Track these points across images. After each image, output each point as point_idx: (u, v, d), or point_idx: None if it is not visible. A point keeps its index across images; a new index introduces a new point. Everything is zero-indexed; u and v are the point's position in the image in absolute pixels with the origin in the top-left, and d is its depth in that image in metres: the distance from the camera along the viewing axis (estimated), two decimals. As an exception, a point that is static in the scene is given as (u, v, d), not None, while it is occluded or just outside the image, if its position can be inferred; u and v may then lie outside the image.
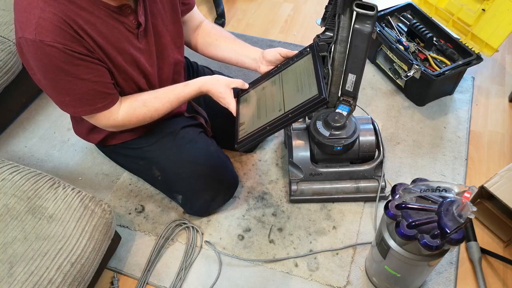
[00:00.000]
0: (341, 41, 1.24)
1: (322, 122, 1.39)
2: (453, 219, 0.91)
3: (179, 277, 1.31)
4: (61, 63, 0.95)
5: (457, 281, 1.29)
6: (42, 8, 0.89)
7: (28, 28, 0.90)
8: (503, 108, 1.79)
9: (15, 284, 0.97)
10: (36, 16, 0.89)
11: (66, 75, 0.97)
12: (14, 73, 1.62)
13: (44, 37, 0.90)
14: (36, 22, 0.89)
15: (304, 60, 1.20)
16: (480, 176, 1.55)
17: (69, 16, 0.92)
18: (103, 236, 1.13)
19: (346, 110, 1.38)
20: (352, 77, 1.33)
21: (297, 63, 1.22)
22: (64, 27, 0.91)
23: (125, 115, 1.12)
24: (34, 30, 0.89)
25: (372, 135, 1.43)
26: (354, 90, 1.37)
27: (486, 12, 1.64)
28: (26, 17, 0.90)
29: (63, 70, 0.96)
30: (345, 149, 1.37)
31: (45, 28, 0.90)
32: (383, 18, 1.89)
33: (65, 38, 0.92)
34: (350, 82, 1.35)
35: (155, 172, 1.34)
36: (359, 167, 1.43)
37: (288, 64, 1.24)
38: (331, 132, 1.36)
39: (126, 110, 1.12)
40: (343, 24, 1.20)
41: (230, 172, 1.42)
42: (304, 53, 1.23)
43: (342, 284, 1.29)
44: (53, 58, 0.93)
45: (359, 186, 1.44)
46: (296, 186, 1.44)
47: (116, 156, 1.44)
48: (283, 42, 2.08)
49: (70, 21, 0.92)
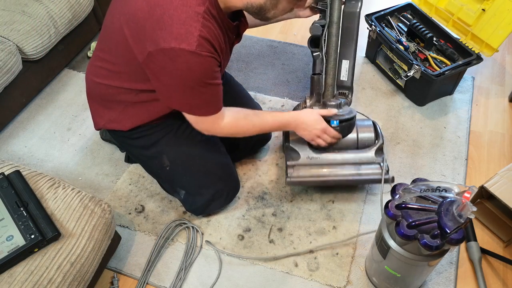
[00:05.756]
0: (333, 23, 1.26)
1: (319, 107, 1.40)
2: (453, 219, 0.91)
3: (179, 277, 1.31)
4: (212, 72, 1.06)
5: (457, 281, 1.29)
6: (202, 23, 0.98)
7: (187, 40, 0.97)
8: (503, 108, 1.79)
9: (15, 284, 0.97)
10: (197, 30, 0.98)
11: (207, 82, 1.07)
12: (14, 73, 1.62)
13: (201, 50, 0.99)
14: (198, 35, 0.98)
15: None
16: (480, 176, 1.55)
17: (213, 31, 1.03)
18: (102, 236, 1.13)
19: (342, 100, 1.40)
20: (346, 64, 1.35)
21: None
22: (213, 40, 1.02)
23: (228, 125, 1.21)
24: (195, 42, 0.98)
25: (371, 129, 1.43)
26: (349, 80, 1.38)
27: (486, 12, 1.64)
28: (186, 29, 0.98)
29: (209, 77, 1.06)
30: (342, 129, 1.36)
31: (203, 41, 0.99)
32: (383, 18, 1.89)
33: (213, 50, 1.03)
34: (345, 70, 1.36)
35: (165, 161, 1.35)
36: (358, 153, 1.41)
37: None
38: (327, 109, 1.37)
39: (229, 120, 1.20)
40: (334, 4, 1.23)
41: (234, 175, 1.45)
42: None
43: (342, 284, 1.29)
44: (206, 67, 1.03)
45: (359, 170, 1.39)
46: (293, 169, 1.40)
47: (129, 142, 1.41)
48: (283, 42, 2.08)
49: (216, 36, 1.04)
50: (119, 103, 1.25)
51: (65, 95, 1.88)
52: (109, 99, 1.26)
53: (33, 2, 1.73)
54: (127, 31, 1.05)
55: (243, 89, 1.59)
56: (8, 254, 0.98)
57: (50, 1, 1.74)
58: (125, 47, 1.08)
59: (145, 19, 1.00)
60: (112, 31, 1.11)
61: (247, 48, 2.06)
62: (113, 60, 1.16)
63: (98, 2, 2.00)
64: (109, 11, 1.15)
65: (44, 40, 1.70)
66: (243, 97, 1.55)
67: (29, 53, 1.67)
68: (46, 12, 1.72)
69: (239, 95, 1.54)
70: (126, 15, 1.05)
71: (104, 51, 1.18)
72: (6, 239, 1.00)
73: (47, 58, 1.79)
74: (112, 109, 1.28)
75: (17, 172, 1.14)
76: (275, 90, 1.87)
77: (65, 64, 1.98)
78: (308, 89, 1.80)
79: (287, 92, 1.86)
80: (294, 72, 1.95)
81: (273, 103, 1.81)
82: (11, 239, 1.00)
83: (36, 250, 1.02)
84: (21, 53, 1.65)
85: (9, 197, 1.07)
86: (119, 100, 1.24)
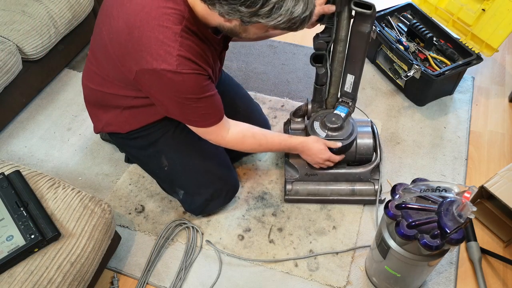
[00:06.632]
0: (339, 41, 1.23)
1: (319, 122, 1.39)
2: (453, 219, 0.91)
3: (179, 277, 1.31)
4: (200, 87, 1.06)
5: (457, 281, 1.29)
6: (180, 43, 0.98)
7: (167, 60, 0.98)
8: (503, 108, 1.79)
9: (15, 283, 0.97)
10: (176, 49, 0.98)
11: (197, 97, 1.07)
12: (14, 73, 1.62)
13: (183, 68, 0.99)
14: (177, 55, 0.98)
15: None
16: (480, 176, 1.55)
17: (194, 48, 1.02)
18: (102, 235, 1.13)
19: (344, 112, 1.38)
20: (351, 78, 1.33)
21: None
22: (194, 57, 1.01)
23: (234, 140, 1.22)
24: (175, 62, 0.98)
25: (370, 138, 1.43)
26: (353, 91, 1.37)
27: (486, 12, 1.64)
28: (164, 50, 0.98)
29: (198, 92, 1.06)
30: (341, 151, 1.37)
31: (183, 60, 0.99)
32: (383, 18, 1.89)
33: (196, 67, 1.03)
34: (349, 83, 1.35)
35: (163, 161, 1.35)
36: (355, 170, 1.43)
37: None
38: (327, 133, 1.36)
39: (235, 135, 1.22)
40: (342, 23, 1.20)
41: (233, 175, 1.45)
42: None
43: (342, 284, 1.29)
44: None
45: (354, 189, 1.43)
46: (291, 186, 1.44)
47: (128, 142, 1.41)
48: (283, 42, 2.08)
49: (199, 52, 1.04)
50: (116, 107, 1.26)
51: (65, 95, 1.88)
52: (106, 104, 1.26)
53: (33, 2, 1.73)
54: (112, 50, 1.06)
55: (242, 89, 1.58)
56: (8, 254, 0.98)
57: (50, 1, 1.74)
58: (114, 65, 1.09)
59: (127, 40, 1.00)
60: (101, 46, 1.11)
61: (247, 48, 2.06)
62: (105, 73, 1.16)
63: (98, 2, 2.00)
64: (97, 20, 1.15)
65: (44, 40, 1.70)
66: (242, 98, 1.55)
67: (29, 53, 1.67)
68: (46, 12, 1.72)
69: (238, 95, 1.54)
70: (110, 33, 1.05)
71: (97, 62, 1.18)
72: (6, 239, 1.00)
73: (47, 58, 1.79)
74: (110, 113, 1.28)
75: (17, 172, 1.14)
76: (275, 90, 1.87)
77: (65, 64, 1.98)
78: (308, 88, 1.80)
79: (287, 92, 1.86)
80: (294, 72, 1.95)
81: (273, 103, 1.81)
82: (11, 239, 1.00)
83: (36, 250, 1.02)
84: (21, 53, 1.65)
85: (9, 197, 1.07)
86: (115, 105, 1.25)
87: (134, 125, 1.29)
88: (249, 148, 1.31)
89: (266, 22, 0.93)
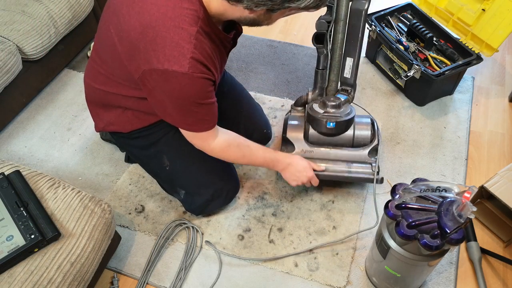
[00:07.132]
0: (339, 20, 1.27)
1: (318, 104, 1.41)
2: (453, 219, 0.91)
3: (179, 277, 1.31)
4: (205, 92, 1.06)
5: (457, 281, 1.29)
6: (195, 45, 0.98)
7: (179, 62, 0.97)
8: (503, 108, 1.79)
9: (15, 284, 0.97)
10: (190, 51, 0.97)
11: (200, 103, 1.07)
12: (14, 73, 1.62)
13: (194, 71, 0.99)
14: (191, 57, 0.97)
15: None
16: (480, 176, 1.55)
17: (206, 51, 1.02)
18: (102, 235, 1.13)
19: (343, 98, 1.40)
20: (350, 61, 1.35)
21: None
22: (206, 61, 1.01)
23: (218, 148, 1.21)
24: (188, 64, 0.98)
25: (369, 129, 1.43)
26: (353, 78, 1.38)
27: (486, 12, 1.64)
28: (178, 51, 0.97)
29: (202, 97, 1.06)
30: (338, 129, 1.37)
31: (196, 62, 0.99)
32: (383, 18, 1.89)
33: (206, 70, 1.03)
34: (348, 67, 1.37)
35: (165, 161, 1.35)
36: (353, 151, 1.42)
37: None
38: (326, 110, 1.38)
39: (221, 143, 1.21)
40: (341, 1, 1.24)
41: (234, 175, 1.45)
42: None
43: (342, 284, 1.29)
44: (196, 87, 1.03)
45: (351, 168, 1.40)
46: None
47: (129, 142, 1.42)
48: (283, 42, 2.08)
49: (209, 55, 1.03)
50: (119, 107, 1.25)
51: (65, 95, 1.88)
52: (108, 103, 1.26)
53: (33, 2, 1.73)
54: (120, 48, 1.05)
55: (243, 89, 1.59)
56: (8, 254, 0.98)
57: (50, 1, 1.74)
58: (120, 63, 1.08)
59: (139, 40, 1.00)
60: (107, 45, 1.11)
61: (247, 48, 2.06)
62: (110, 71, 1.16)
63: (98, 2, 2.00)
64: (102, 18, 1.14)
65: (44, 40, 1.70)
66: (245, 98, 1.55)
67: (29, 53, 1.67)
68: (46, 12, 1.72)
69: (240, 95, 1.54)
70: (119, 31, 1.04)
71: (101, 60, 1.17)
72: (6, 239, 1.00)
73: (47, 58, 1.79)
74: (112, 112, 1.28)
75: (17, 172, 1.14)
76: (275, 90, 1.87)
77: (65, 64, 1.98)
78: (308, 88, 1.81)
79: (287, 92, 1.86)
80: (294, 72, 1.95)
81: (273, 103, 1.81)
82: (11, 239, 1.00)
83: (36, 250, 1.02)
84: (21, 53, 1.65)
85: (9, 197, 1.07)
86: (118, 104, 1.25)
87: (136, 125, 1.29)
88: (232, 158, 1.29)
89: (298, 5, 0.95)
